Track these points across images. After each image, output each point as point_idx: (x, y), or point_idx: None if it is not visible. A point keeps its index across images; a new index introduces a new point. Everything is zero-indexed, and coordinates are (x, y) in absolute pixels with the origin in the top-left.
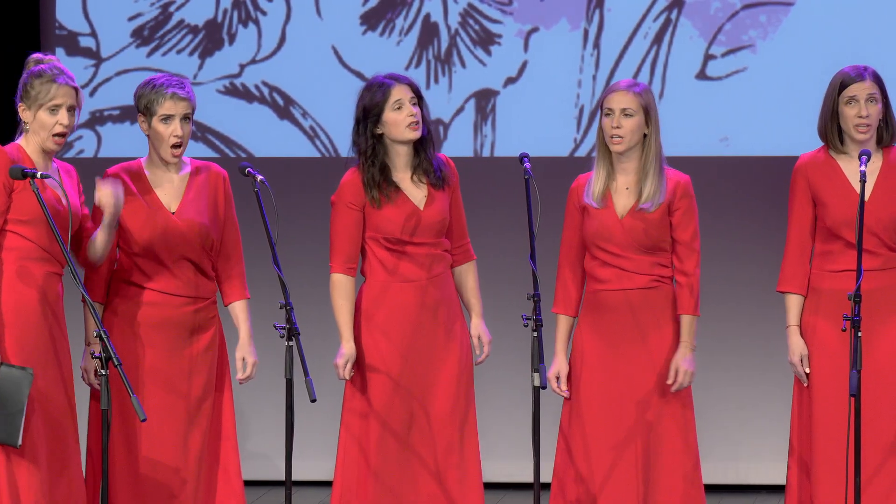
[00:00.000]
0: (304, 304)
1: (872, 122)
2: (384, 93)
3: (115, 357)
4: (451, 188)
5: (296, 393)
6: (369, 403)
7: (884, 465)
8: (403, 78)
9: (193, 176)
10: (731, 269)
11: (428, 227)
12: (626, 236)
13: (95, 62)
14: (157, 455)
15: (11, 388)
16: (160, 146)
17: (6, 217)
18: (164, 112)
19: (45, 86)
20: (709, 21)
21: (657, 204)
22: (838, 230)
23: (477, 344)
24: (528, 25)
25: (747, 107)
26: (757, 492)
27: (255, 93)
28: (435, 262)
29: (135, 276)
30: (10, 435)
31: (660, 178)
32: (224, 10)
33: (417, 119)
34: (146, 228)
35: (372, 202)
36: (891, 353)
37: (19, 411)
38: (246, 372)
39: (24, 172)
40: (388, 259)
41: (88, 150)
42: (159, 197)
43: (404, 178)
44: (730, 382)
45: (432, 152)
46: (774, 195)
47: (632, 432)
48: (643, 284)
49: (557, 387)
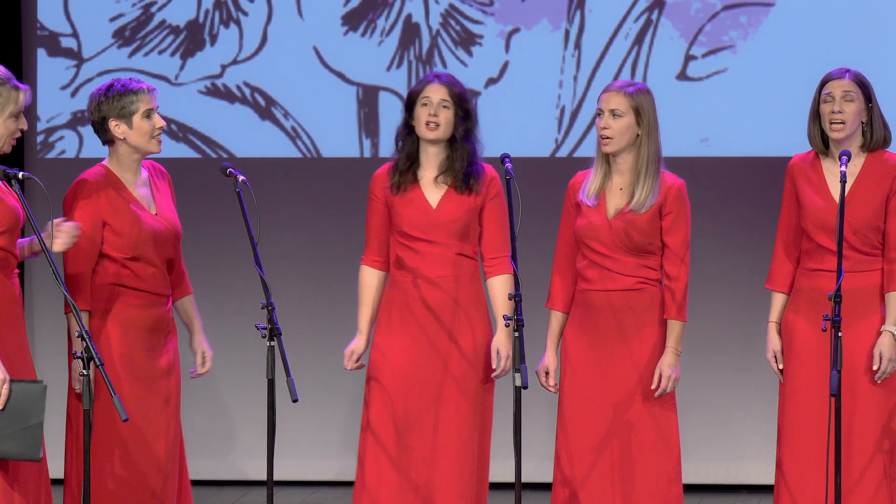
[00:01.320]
0: (285, 303)
1: (847, 120)
2: (421, 86)
3: (96, 357)
4: (481, 198)
5: (277, 393)
6: (384, 403)
7: (868, 466)
8: (446, 78)
9: (152, 177)
10: (712, 269)
11: (439, 227)
12: (612, 237)
13: (77, 63)
14: (141, 454)
15: (28, 404)
16: (144, 142)
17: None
18: (146, 108)
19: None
20: (689, 22)
21: (647, 206)
22: (811, 232)
23: (495, 357)
24: (509, 26)
25: (728, 107)
26: (739, 492)
27: (237, 93)
28: (451, 264)
29: (125, 279)
30: (30, 448)
31: (653, 180)
32: (205, 10)
33: (436, 121)
34: (136, 231)
35: (392, 189)
36: (860, 354)
37: (38, 424)
38: (205, 366)
39: (6, 173)
40: (404, 254)
41: (70, 150)
42: (139, 198)
43: (427, 175)
44: (714, 382)
45: (465, 160)
46: (755, 195)
47: (611, 432)
48: (628, 286)
49: (545, 381)
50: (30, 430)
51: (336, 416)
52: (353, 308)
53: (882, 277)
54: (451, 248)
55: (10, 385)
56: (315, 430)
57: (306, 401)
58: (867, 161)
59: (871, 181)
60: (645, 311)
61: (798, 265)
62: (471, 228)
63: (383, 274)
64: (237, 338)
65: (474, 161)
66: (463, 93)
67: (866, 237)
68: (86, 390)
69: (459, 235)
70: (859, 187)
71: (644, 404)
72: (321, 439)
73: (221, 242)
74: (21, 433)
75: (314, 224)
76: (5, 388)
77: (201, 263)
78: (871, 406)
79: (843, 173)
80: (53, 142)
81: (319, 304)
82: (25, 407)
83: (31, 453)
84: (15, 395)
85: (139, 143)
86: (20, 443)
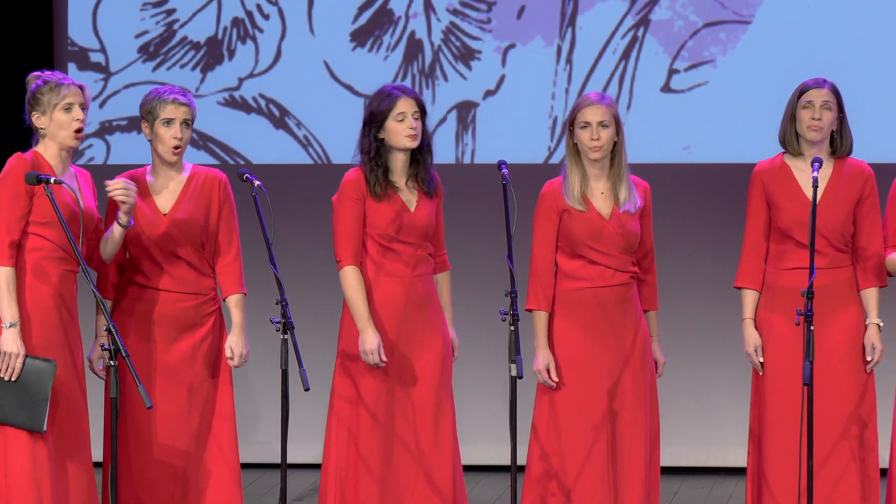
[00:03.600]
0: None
1: (824, 126)
2: (390, 103)
3: (123, 349)
4: (437, 200)
5: (290, 383)
6: (358, 391)
7: (834, 450)
8: (410, 92)
9: (191, 180)
10: (691, 268)
11: (415, 229)
12: (614, 236)
13: (105, 76)
14: (164, 439)
15: (37, 379)
16: (161, 148)
17: (28, 220)
18: (166, 116)
19: (55, 89)
20: (673, 38)
21: (636, 207)
22: (790, 231)
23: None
24: (505, 42)
25: (708, 117)
26: (717, 474)
27: (253, 104)
28: (420, 262)
29: (135, 275)
30: (34, 421)
31: (629, 182)
32: (224, 27)
33: (416, 133)
34: (140, 230)
35: (374, 196)
36: (838, 345)
37: (44, 400)
38: (233, 361)
39: (39, 178)
40: (378, 254)
41: (98, 157)
42: (155, 200)
43: (400, 181)
44: (692, 373)
45: (430, 162)
46: (733, 199)
47: (604, 418)
48: (623, 281)
49: (548, 378)
50: (37, 404)
51: None
52: None
53: (854, 272)
54: (422, 247)
55: (24, 359)
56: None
57: (318, 390)
58: (836, 166)
59: (842, 184)
60: (630, 303)
61: (767, 264)
62: (432, 229)
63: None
64: (253, 331)
65: (429, 166)
66: (424, 102)
67: (841, 235)
68: (113, 380)
69: (427, 236)
70: (831, 190)
71: (631, 392)
72: None
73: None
74: (29, 406)
75: (324, 225)
76: (19, 361)
77: None
78: (841, 395)
79: (816, 178)
80: (83, 149)
81: (330, 300)
82: (35, 382)
83: (36, 426)
84: (27, 370)
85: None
86: (27, 415)
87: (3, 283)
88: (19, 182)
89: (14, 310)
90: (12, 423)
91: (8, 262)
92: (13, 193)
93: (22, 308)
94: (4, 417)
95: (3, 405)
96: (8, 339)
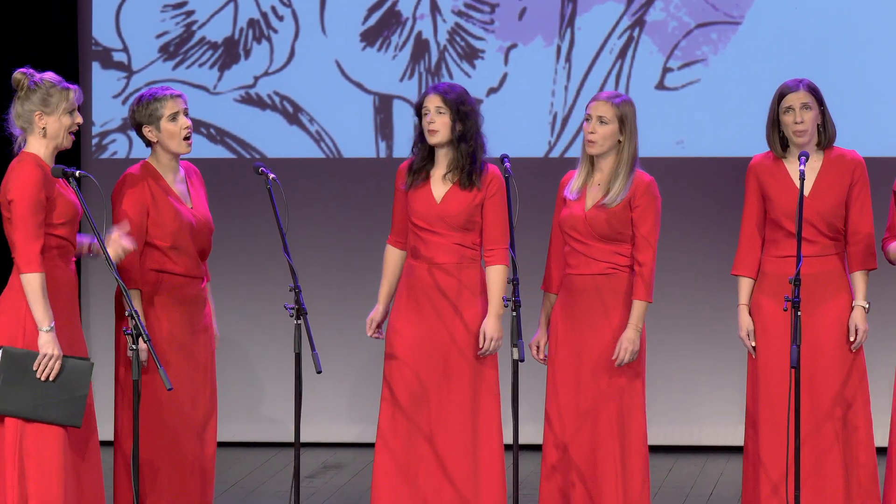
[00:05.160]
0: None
1: (808, 127)
2: (421, 99)
3: (144, 333)
4: (483, 194)
5: (303, 365)
6: (391, 373)
7: (820, 428)
8: (441, 87)
9: (187, 175)
10: (685, 257)
11: (443, 220)
12: (587, 226)
13: (127, 75)
14: (183, 419)
15: (76, 377)
16: (173, 143)
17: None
18: (171, 111)
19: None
20: (667, 38)
21: (618, 200)
22: (781, 221)
23: (481, 338)
24: (507, 42)
25: (700, 114)
26: (709, 452)
27: (268, 101)
28: (452, 252)
29: (165, 264)
30: (72, 416)
31: (627, 179)
32: (240, 28)
33: (434, 128)
34: (175, 223)
35: (407, 185)
36: (827, 329)
37: (83, 396)
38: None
39: (65, 172)
40: (416, 242)
41: (121, 151)
42: (178, 194)
43: (438, 173)
44: (685, 356)
45: (469, 158)
46: (724, 191)
47: (593, 399)
48: (600, 270)
49: (536, 355)
50: (75, 401)
51: (355, 385)
52: (371, 290)
53: (844, 257)
54: (451, 238)
55: (62, 360)
56: (336, 398)
57: (329, 372)
58: (825, 157)
59: (832, 174)
60: (614, 293)
61: (763, 253)
62: (472, 222)
63: (404, 253)
64: (268, 317)
65: (477, 160)
66: (459, 98)
67: (832, 224)
68: (135, 363)
69: (460, 227)
70: (823, 181)
71: (609, 380)
72: (342, 406)
73: (254, 233)
74: (67, 402)
75: (336, 216)
76: (58, 363)
77: (236, 251)
78: (829, 377)
79: (802, 172)
80: (106, 144)
81: (341, 287)
82: (74, 380)
83: (73, 420)
84: (66, 370)
85: (169, 144)
86: (65, 411)
87: (39, 289)
88: (41, 190)
89: (49, 313)
90: (50, 420)
91: (40, 269)
92: (36, 202)
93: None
94: (43, 416)
95: (41, 405)
96: (48, 341)
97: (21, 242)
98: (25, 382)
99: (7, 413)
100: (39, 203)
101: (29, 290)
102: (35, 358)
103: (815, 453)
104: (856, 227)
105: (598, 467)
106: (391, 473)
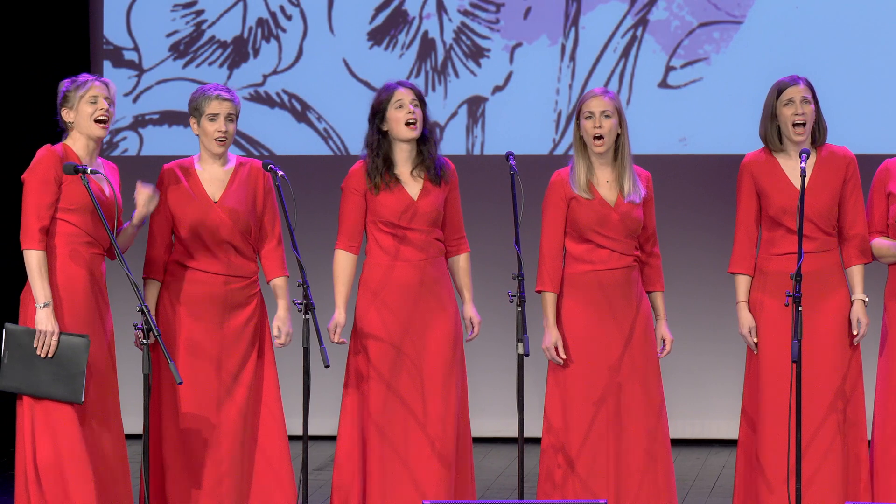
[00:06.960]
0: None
1: (807, 121)
2: (389, 94)
3: (154, 328)
4: (448, 187)
5: (311, 360)
6: (373, 367)
7: (821, 426)
8: (407, 83)
9: (237, 170)
10: (687, 253)
11: (422, 216)
12: (621, 223)
13: (138, 73)
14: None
15: (72, 354)
16: (207, 141)
17: (57, 206)
18: (211, 111)
19: (82, 85)
20: (669, 37)
21: (641, 197)
22: (780, 219)
23: (468, 325)
24: (512, 41)
25: (703, 111)
26: (711, 445)
27: (277, 99)
28: (430, 247)
29: (184, 258)
30: (73, 393)
31: (632, 172)
32: (249, 27)
33: (415, 118)
34: (192, 215)
35: (371, 189)
36: (828, 324)
37: (80, 373)
38: (280, 339)
39: (77, 168)
40: (388, 242)
41: (132, 149)
42: (205, 188)
43: (404, 171)
44: (688, 350)
45: (434, 152)
46: (726, 188)
47: (606, 392)
48: (627, 264)
49: (557, 355)
50: (73, 377)
51: None
52: None
53: (840, 252)
54: (430, 233)
55: (58, 337)
56: None
57: (337, 366)
58: (818, 154)
59: (826, 171)
60: (632, 285)
61: (760, 251)
62: (440, 215)
63: (356, 257)
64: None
65: (437, 154)
66: (423, 93)
67: (829, 219)
68: (145, 357)
69: (436, 222)
70: (818, 178)
71: (632, 368)
72: None
73: None
74: (66, 379)
75: None
76: (54, 339)
77: None
78: (829, 372)
79: (803, 169)
80: (118, 142)
81: None
82: (71, 356)
83: (74, 397)
84: (62, 346)
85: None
86: (65, 387)
87: (36, 266)
88: (49, 171)
89: (47, 290)
90: (52, 396)
91: (39, 246)
92: (43, 182)
93: (55, 289)
94: (44, 391)
95: (41, 380)
96: (43, 318)
97: (23, 219)
98: (26, 359)
99: (11, 389)
100: (46, 184)
101: (27, 266)
102: (34, 335)
103: (818, 450)
104: (851, 222)
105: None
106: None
